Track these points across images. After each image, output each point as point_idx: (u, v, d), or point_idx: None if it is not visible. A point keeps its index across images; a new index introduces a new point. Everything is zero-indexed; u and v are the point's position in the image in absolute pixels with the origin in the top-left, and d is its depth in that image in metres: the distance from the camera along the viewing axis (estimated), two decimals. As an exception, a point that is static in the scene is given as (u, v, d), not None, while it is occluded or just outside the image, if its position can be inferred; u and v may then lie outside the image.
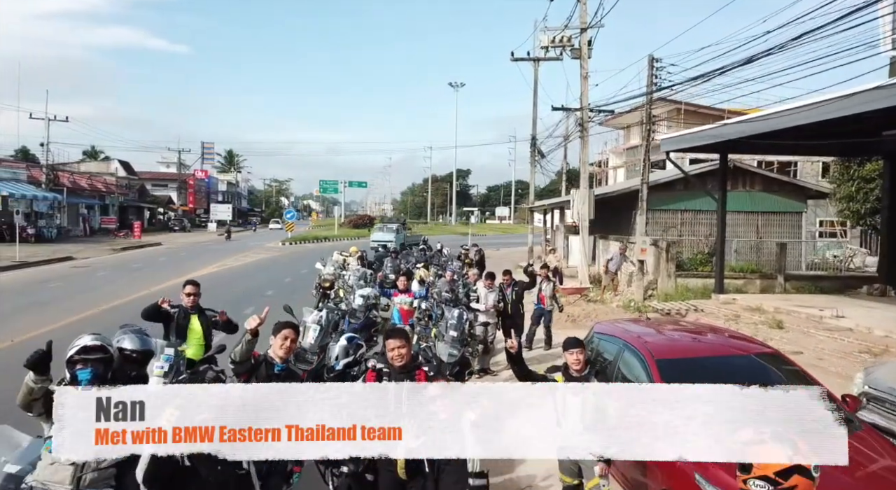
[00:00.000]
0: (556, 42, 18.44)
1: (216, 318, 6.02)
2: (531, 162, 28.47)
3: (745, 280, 15.79)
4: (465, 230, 66.19)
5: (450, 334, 7.25)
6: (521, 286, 10.05)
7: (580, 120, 18.30)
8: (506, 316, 9.92)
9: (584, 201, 18.16)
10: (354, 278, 11.83)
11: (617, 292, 16.69)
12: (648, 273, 15.63)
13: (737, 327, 11.81)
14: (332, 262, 13.81)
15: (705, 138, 13.77)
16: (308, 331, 6.72)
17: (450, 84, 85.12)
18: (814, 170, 35.31)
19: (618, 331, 5.68)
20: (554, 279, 11.61)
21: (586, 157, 19.01)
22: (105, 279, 20.86)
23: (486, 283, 9.94)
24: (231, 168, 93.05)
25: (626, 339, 5.18)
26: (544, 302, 11.05)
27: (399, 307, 9.06)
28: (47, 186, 39.66)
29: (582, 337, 5.24)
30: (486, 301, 9.72)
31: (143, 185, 66.32)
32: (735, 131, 13.04)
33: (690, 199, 21.27)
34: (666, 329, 5.94)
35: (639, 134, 38.55)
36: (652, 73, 14.85)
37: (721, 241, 14.86)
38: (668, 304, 14.45)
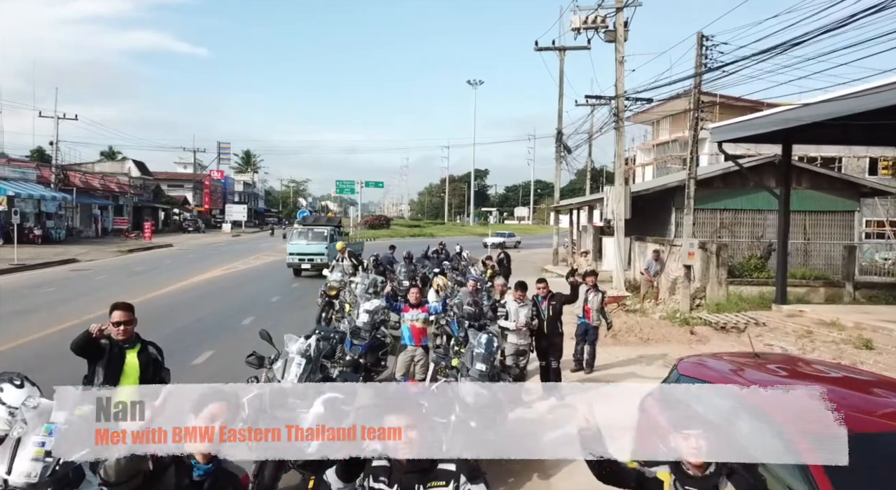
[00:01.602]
0: (588, 23, 16.68)
1: (159, 359, 4.44)
2: (556, 158, 26.68)
3: (807, 288, 13.88)
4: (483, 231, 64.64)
5: (476, 368, 5.60)
6: (561, 300, 8.29)
7: (615, 109, 16.52)
8: (541, 335, 8.20)
9: (619, 199, 16.38)
10: (362, 288, 10.23)
11: (657, 301, 14.88)
12: (695, 279, 13.81)
13: (813, 347, 9.99)
14: (339, 267, 12.26)
15: (765, 125, 11.92)
16: (290, 365, 5.10)
17: (468, 82, 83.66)
18: (860, 166, 32.98)
19: (721, 375, 3.93)
20: (603, 290, 9.87)
21: (622, 150, 17.22)
22: (102, 284, 19.55)
23: (517, 295, 8.15)
24: (248, 168, 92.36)
25: (750, 399, 3.45)
26: (589, 316, 9.33)
27: (410, 325, 7.41)
28: (57, 186, 38.76)
29: (624, 355, 3.69)
30: (517, 318, 8.00)
31: (159, 185, 65.69)
32: (797, 117, 11.20)
33: (730, 197, 19.42)
34: (797, 371, 4.14)
35: (668, 129, 36.55)
36: (701, 52, 13.03)
37: (783, 243, 12.97)
38: (722, 316, 12.63)
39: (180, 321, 13.49)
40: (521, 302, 8.09)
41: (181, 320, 13.63)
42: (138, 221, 50.74)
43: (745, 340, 11.25)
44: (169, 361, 4.69)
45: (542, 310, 8.21)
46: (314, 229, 21.74)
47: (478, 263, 17.02)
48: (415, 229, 65.79)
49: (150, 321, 13.55)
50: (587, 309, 9.39)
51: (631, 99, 16.38)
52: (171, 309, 15.03)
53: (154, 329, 12.71)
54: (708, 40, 12.93)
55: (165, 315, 14.15)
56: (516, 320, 8.00)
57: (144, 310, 15.50)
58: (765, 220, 19.99)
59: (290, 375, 4.98)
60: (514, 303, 8.13)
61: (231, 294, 17.94)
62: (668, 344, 11.27)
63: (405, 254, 14.93)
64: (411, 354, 7.41)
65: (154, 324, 13.01)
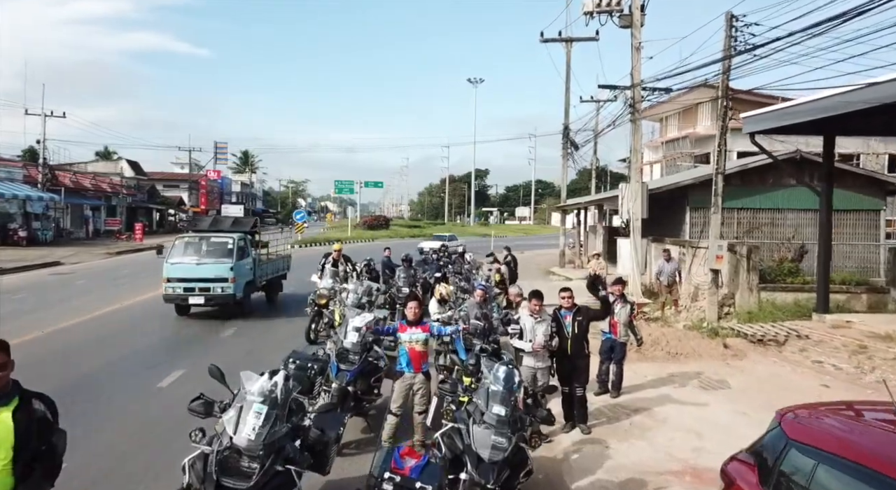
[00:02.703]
0: (602, 6, 15.40)
1: (48, 418, 3.14)
2: (563, 155, 25.36)
3: (848, 294, 12.58)
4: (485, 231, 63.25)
5: (493, 412, 4.30)
6: (589, 316, 6.96)
7: (630, 100, 15.23)
8: (563, 357, 6.89)
9: (635, 197, 15.09)
10: (354, 297, 8.95)
11: (678, 308, 13.59)
12: (723, 285, 12.52)
13: (872, 365, 8.70)
14: (330, 272, 11.01)
15: (806, 113, 10.60)
16: (246, 414, 3.79)
17: (468, 80, 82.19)
18: (879, 163, 31.68)
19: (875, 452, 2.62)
20: (631, 301, 8.58)
21: (638, 144, 15.91)
22: (79, 290, 18.27)
23: (533, 305, 6.79)
24: (246, 168, 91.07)
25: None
26: (616, 331, 8.04)
27: (408, 348, 6.11)
28: (44, 186, 37.44)
29: (653, 374, 2.36)
30: (534, 336, 6.69)
31: (154, 185, 64.42)
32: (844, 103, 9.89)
33: (748, 195, 18.21)
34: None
35: (677, 125, 35.22)
36: (730, 34, 11.74)
37: (826, 246, 11.62)
38: (755, 326, 11.33)
39: (153, 334, 12.21)
40: (538, 316, 6.77)
41: (154, 333, 12.36)
42: (132, 222, 49.43)
43: (790, 356, 9.95)
44: (130, 384, 3.40)
45: (564, 326, 6.90)
46: (211, 239, 13.60)
47: (482, 266, 15.70)
48: (414, 230, 64.41)
49: (120, 334, 12.22)
50: (614, 323, 8.10)
51: (648, 89, 15.10)
52: (146, 319, 13.75)
53: (124, 343, 11.42)
54: (738, 19, 11.64)
55: (137, 327, 12.88)
56: (532, 339, 6.69)
57: (117, 321, 14.26)
58: (784, 219, 18.97)
59: (245, 428, 3.69)
60: (530, 317, 6.81)
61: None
62: (699, 359, 9.99)
63: (403, 257, 13.57)
64: (409, 383, 6.11)
65: (124, 337, 11.73)
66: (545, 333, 6.70)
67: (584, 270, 24.95)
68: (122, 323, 13.24)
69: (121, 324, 13.15)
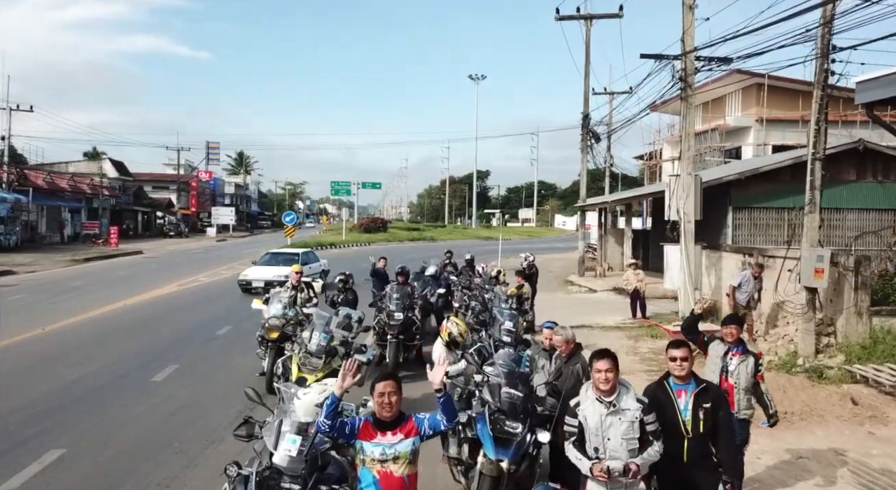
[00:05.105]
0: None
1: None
2: (582, 148, 22.29)
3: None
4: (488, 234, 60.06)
5: None
6: (720, 401, 3.89)
7: (681, 73, 12.19)
8: (671, 469, 3.82)
9: (687, 193, 12.06)
10: (316, 340, 5.88)
11: (752, 337, 10.50)
12: (821, 308, 9.46)
13: None
14: (278, 297, 7.98)
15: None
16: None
17: (470, 77, 79.26)
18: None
19: None
20: (755, 351, 5.50)
21: (691, 127, 12.89)
22: (10, 307, 15.15)
23: (603, 374, 3.75)
24: (241, 170, 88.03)
25: None
26: (733, 399, 5.01)
27: (377, 471, 3.07)
28: (10, 187, 34.39)
29: (767, 452, 1.09)
30: (604, 442, 3.61)
31: (141, 187, 61.44)
32: None
33: (798, 193, 15.58)
34: None
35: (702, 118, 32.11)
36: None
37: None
38: (874, 368, 8.26)
39: (64, 375, 8.99)
40: (614, 402, 3.67)
41: (69, 371, 9.18)
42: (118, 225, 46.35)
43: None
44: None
45: (679, 410, 3.83)
46: None
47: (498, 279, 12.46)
48: (414, 233, 61.27)
49: (27, 372, 8.56)
50: (729, 387, 5.06)
51: (702, 59, 12.07)
52: (74, 348, 10.67)
53: (28, 384, 7.90)
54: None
55: (60, 358, 9.77)
56: (603, 449, 3.61)
57: (32, 351, 10.07)
58: (843, 220, 16.45)
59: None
60: (598, 408, 3.70)
61: (170, 322, 13.55)
62: (822, 423, 6.93)
63: (398, 269, 10.32)
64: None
65: (34, 374, 8.46)
66: (627, 436, 3.61)
67: (606, 279, 21.83)
68: (37, 356, 10.12)
69: (34, 358, 10.03)
